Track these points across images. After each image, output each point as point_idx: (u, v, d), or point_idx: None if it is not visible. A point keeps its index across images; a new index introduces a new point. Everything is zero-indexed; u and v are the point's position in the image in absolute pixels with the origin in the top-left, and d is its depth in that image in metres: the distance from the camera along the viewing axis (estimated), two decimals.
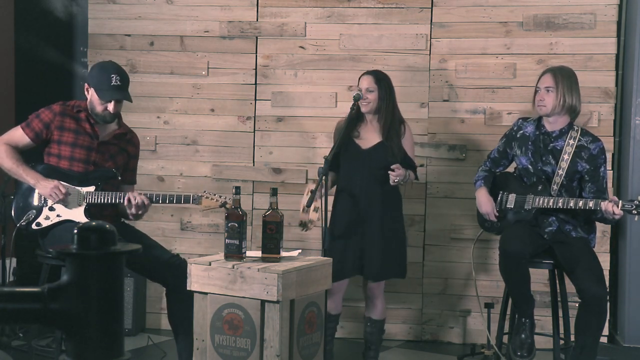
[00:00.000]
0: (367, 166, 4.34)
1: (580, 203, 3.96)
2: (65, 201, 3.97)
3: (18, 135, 4.06)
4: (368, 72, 4.46)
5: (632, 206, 3.88)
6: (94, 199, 3.99)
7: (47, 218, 4.00)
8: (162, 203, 4.06)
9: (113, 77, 4.00)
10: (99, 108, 4.02)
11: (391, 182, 4.21)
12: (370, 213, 4.33)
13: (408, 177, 4.32)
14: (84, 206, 4.00)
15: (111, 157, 4.12)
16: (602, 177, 4.12)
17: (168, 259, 3.96)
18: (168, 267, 3.92)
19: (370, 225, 4.32)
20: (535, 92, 4.19)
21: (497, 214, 4.23)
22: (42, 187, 3.95)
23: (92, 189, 4.00)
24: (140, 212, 4.02)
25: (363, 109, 4.36)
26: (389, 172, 4.21)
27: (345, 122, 4.31)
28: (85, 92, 4.08)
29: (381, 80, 4.39)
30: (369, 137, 4.39)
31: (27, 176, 3.99)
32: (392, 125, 4.36)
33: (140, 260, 3.89)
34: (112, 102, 3.99)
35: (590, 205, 3.93)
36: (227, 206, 3.93)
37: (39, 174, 3.99)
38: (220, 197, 4.02)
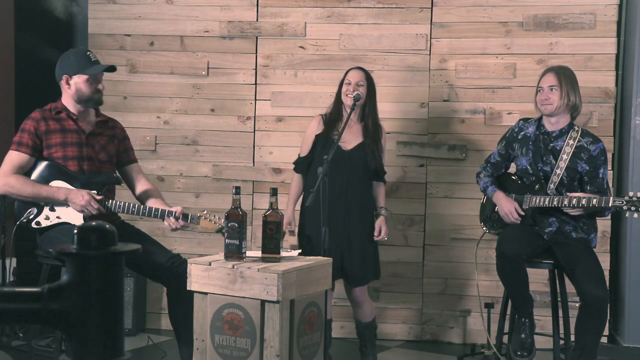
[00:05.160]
0: (349, 168, 4.30)
1: (574, 201, 3.95)
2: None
3: (17, 158, 3.92)
4: (358, 67, 4.47)
5: (622, 202, 3.87)
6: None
7: (47, 218, 3.95)
8: (160, 218, 3.96)
9: (88, 54, 4.04)
10: (88, 91, 3.97)
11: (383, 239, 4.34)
12: (349, 216, 4.28)
13: (389, 214, 4.45)
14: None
15: (102, 149, 4.07)
16: (601, 178, 4.10)
17: (169, 259, 3.94)
18: (169, 267, 3.91)
19: (347, 229, 4.26)
20: (537, 91, 4.16)
21: (522, 213, 4.12)
22: (74, 204, 3.86)
23: (93, 193, 3.93)
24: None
25: (350, 102, 4.27)
26: (375, 236, 4.30)
27: (342, 124, 4.30)
28: (65, 86, 4.00)
29: (370, 78, 4.41)
30: (350, 138, 4.33)
31: (54, 194, 3.88)
32: (374, 126, 4.36)
33: (141, 260, 3.87)
34: (101, 81, 4.01)
35: (583, 202, 3.92)
36: (223, 233, 3.63)
37: (67, 187, 3.91)
38: (220, 219, 3.89)
